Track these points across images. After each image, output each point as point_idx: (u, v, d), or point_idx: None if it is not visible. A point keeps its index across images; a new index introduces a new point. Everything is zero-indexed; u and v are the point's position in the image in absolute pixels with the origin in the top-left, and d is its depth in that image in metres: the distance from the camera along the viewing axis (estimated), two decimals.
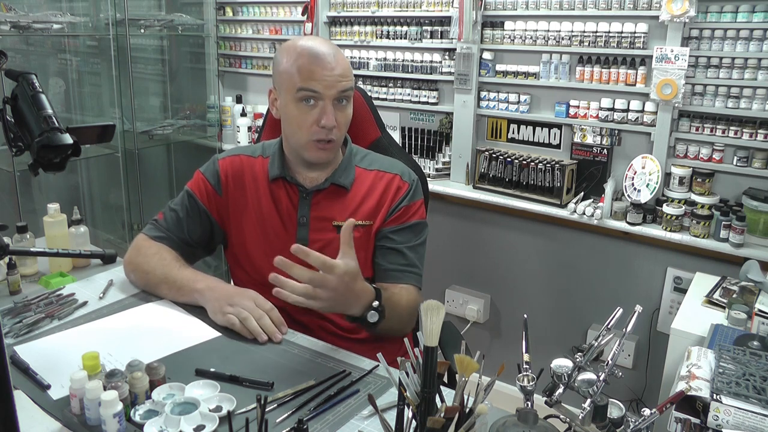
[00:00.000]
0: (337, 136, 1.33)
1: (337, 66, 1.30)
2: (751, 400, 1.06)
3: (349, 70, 1.33)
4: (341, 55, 1.33)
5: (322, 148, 1.33)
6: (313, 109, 1.30)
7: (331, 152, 1.36)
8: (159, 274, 1.35)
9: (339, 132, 1.33)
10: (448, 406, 0.76)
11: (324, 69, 1.28)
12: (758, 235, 1.95)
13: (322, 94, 1.29)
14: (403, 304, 1.31)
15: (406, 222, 1.40)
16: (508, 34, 2.40)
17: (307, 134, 1.32)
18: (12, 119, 1.01)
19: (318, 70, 1.28)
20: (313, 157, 1.36)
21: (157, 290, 1.36)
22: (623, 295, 2.30)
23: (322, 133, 1.31)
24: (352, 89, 1.35)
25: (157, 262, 1.36)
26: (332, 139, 1.32)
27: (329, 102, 1.30)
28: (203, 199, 1.43)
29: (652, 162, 2.11)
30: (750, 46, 1.94)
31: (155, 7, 3.30)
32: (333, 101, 1.30)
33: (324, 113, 1.29)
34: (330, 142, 1.33)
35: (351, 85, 1.33)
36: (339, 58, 1.31)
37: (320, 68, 1.28)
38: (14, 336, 1.20)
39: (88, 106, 3.20)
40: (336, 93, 1.30)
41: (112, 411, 0.89)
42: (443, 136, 2.63)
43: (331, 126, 1.30)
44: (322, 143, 1.32)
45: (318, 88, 1.28)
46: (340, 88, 1.30)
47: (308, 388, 1.05)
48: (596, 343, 0.90)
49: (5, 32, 2.49)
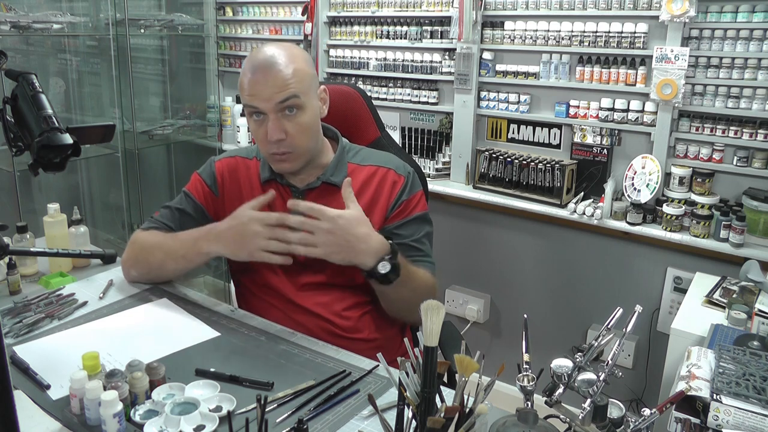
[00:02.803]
0: (292, 146, 1.29)
1: (277, 76, 1.24)
2: (751, 400, 1.06)
3: (293, 77, 1.26)
4: (288, 61, 1.26)
5: (281, 159, 1.32)
6: (262, 124, 1.29)
7: (293, 162, 1.33)
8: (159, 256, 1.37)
9: (293, 141, 1.29)
10: (448, 406, 0.76)
11: (260, 83, 1.25)
12: (758, 235, 1.95)
13: (263, 108, 1.26)
14: (420, 275, 1.31)
15: (409, 216, 1.39)
16: (508, 34, 2.40)
17: (265, 148, 1.32)
18: (12, 119, 1.01)
19: (255, 85, 1.26)
20: (277, 169, 1.36)
21: (163, 271, 1.39)
22: (623, 295, 2.30)
23: (273, 146, 1.29)
24: (297, 96, 1.26)
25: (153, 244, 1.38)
26: (286, 150, 1.30)
27: (273, 115, 1.26)
28: (200, 200, 1.44)
29: (652, 162, 2.11)
30: (750, 46, 1.94)
31: (155, 7, 3.29)
32: (277, 113, 1.27)
33: (268, 127, 1.27)
34: (285, 154, 1.30)
35: (293, 93, 1.25)
36: (282, 66, 1.25)
37: (257, 83, 1.25)
38: (14, 336, 1.20)
39: (88, 106, 3.19)
40: (275, 105, 1.25)
41: (112, 411, 0.89)
42: (443, 136, 2.63)
43: (275, 139, 1.27)
44: (277, 155, 1.31)
45: (256, 103, 1.26)
46: (278, 99, 1.25)
47: (308, 388, 1.05)
48: (596, 343, 0.90)
49: (5, 32, 2.48)
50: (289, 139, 1.28)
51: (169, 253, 1.36)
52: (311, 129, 1.33)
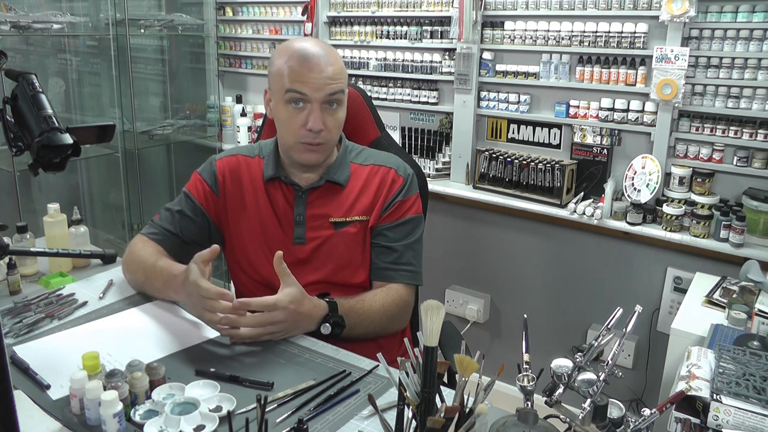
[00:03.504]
0: (326, 138, 1.33)
1: (327, 68, 1.29)
2: (751, 400, 1.06)
3: (340, 73, 1.31)
4: (334, 57, 1.32)
5: (311, 150, 1.33)
6: (301, 112, 1.30)
7: (321, 154, 1.36)
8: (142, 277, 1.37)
9: (328, 135, 1.33)
10: (448, 406, 0.76)
11: (312, 71, 1.28)
12: (758, 235, 1.95)
13: (310, 96, 1.29)
14: (376, 308, 1.32)
15: (401, 218, 1.41)
16: (508, 34, 2.40)
17: (295, 136, 1.32)
18: (12, 119, 1.01)
19: (306, 72, 1.28)
20: (302, 159, 1.36)
21: (146, 290, 1.38)
22: (623, 295, 2.30)
23: (310, 136, 1.31)
24: (343, 92, 1.33)
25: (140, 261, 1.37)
26: (321, 142, 1.32)
27: (317, 105, 1.29)
28: (200, 200, 1.43)
29: (652, 162, 2.11)
30: (750, 46, 1.94)
31: (155, 7, 3.29)
32: (321, 104, 1.30)
33: (311, 116, 1.29)
34: (319, 145, 1.33)
35: (341, 88, 1.32)
36: (331, 60, 1.30)
37: (308, 70, 1.28)
38: (14, 336, 1.20)
39: (88, 106, 3.20)
40: (324, 96, 1.29)
41: (112, 411, 0.89)
42: (443, 136, 2.63)
43: (317, 129, 1.29)
44: (310, 145, 1.33)
45: (305, 90, 1.28)
46: (329, 91, 1.29)
47: (308, 388, 1.05)
48: (596, 343, 0.90)
49: (5, 32, 2.48)
50: (326, 132, 1.32)
51: (149, 279, 1.35)
52: (341, 125, 1.38)
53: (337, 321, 1.24)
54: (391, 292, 1.36)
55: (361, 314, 1.29)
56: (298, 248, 1.38)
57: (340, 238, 1.38)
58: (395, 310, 1.35)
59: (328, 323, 1.23)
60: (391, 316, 1.34)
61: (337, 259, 1.39)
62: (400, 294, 1.37)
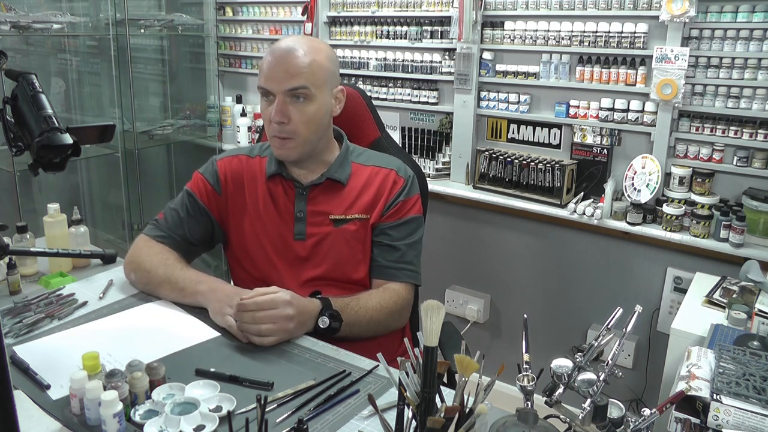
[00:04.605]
0: (292, 132, 1.33)
1: (293, 62, 1.30)
2: (751, 400, 1.06)
3: (307, 68, 1.30)
4: (309, 52, 1.31)
5: (281, 145, 1.35)
6: (270, 105, 1.33)
7: (293, 150, 1.36)
8: (161, 274, 1.35)
9: (296, 128, 1.32)
10: (448, 406, 0.76)
11: (278, 66, 1.31)
12: (758, 235, 1.95)
13: (273, 89, 1.31)
14: (372, 305, 1.32)
15: (402, 217, 1.42)
16: (508, 34, 2.40)
17: (268, 130, 1.36)
18: (12, 119, 1.01)
19: (272, 68, 1.31)
20: (277, 155, 1.38)
21: (158, 290, 1.36)
22: (623, 295, 2.30)
23: (276, 129, 1.33)
24: (304, 87, 1.31)
25: (159, 261, 1.36)
26: (287, 136, 1.33)
27: (280, 97, 1.31)
28: (203, 199, 1.44)
29: (652, 162, 2.11)
30: (750, 46, 1.94)
31: (155, 7, 3.30)
32: (286, 98, 1.31)
33: (274, 108, 1.31)
34: (286, 139, 1.34)
35: (303, 84, 1.30)
36: (299, 54, 1.30)
37: (275, 66, 1.31)
38: (14, 336, 1.20)
39: (88, 106, 3.20)
40: (283, 89, 1.30)
41: (112, 411, 0.89)
42: (443, 136, 2.63)
43: (277, 120, 1.31)
44: (279, 139, 1.34)
45: (269, 85, 1.32)
46: (288, 86, 1.30)
47: (308, 388, 1.05)
48: (596, 343, 0.90)
49: (5, 32, 2.48)
50: (291, 125, 1.32)
51: (169, 281, 1.34)
52: (314, 121, 1.35)
53: (333, 314, 1.24)
54: (389, 291, 1.37)
55: (357, 310, 1.29)
56: (298, 244, 1.39)
57: (340, 235, 1.39)
58: (393, 307, 1.36)
59: (325, 316, 1.23)
60: (389, 313, 1.34)
61: (337, 256, 1.39)
62: (398, 292, 1.38)
